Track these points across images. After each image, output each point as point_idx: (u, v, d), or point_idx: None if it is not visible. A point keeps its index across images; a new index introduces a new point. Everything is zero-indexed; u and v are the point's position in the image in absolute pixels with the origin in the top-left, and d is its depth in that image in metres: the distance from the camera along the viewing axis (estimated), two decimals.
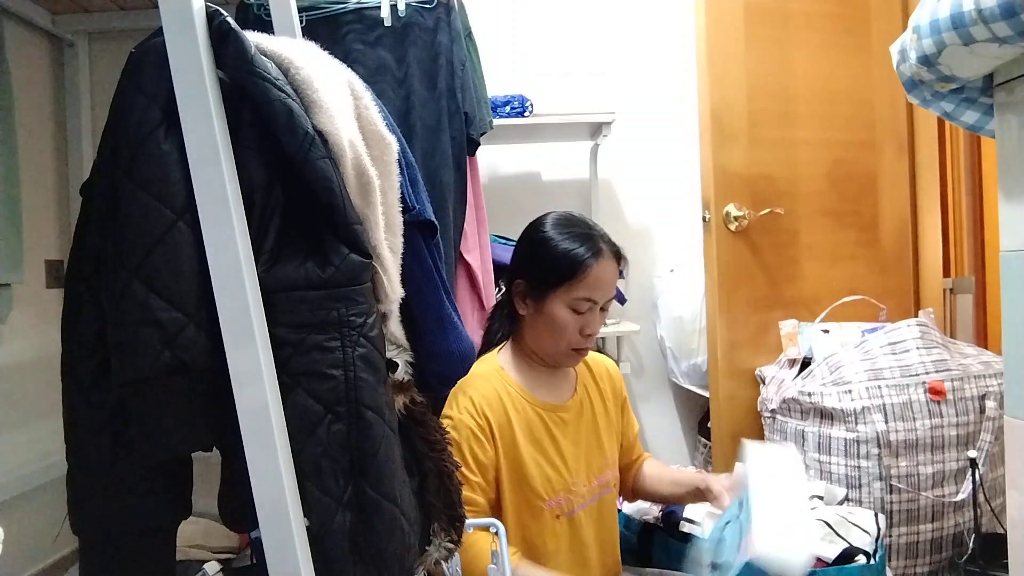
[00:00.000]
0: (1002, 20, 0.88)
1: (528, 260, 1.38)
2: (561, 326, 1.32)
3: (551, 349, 1.36)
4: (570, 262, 1.31)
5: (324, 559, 0.85)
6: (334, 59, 1.00)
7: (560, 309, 1.32)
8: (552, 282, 1.32)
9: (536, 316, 1.35)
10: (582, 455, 1.38)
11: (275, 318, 0.84)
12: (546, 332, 1.34)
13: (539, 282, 1.34)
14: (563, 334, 1.32)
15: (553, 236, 1.35)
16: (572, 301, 1.31)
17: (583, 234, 1.35)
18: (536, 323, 1.36)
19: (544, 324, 1.34)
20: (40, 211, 2.00)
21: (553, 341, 1.34)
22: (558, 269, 1.31)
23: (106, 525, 0.89)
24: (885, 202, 2.31)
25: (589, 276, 1.31)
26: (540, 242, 1.36)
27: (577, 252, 1.31)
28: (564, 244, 1.33)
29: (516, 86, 2.26)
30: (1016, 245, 1.04)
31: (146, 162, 0.80)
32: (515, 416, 1.32)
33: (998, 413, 1.71)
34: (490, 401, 1.32)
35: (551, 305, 1.32)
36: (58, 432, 0.90)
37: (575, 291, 1.31)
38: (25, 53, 1.98)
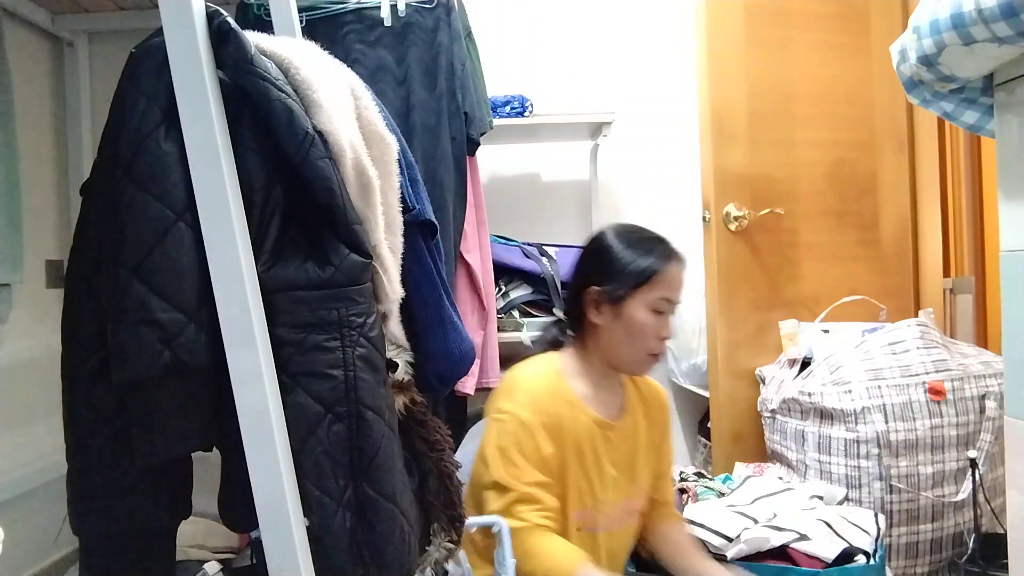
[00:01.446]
0: (1002, 20, 0.88)
1: (601, 266, 1.36)
2: (642, 329, 1.31)
3: (629, 356, 1.34)
4: (649, 263, 1.31)
5: (324, 559, 0.85)
6: (334, 59, 1.00)
7: (641, 311, 1.31)
8: (632, 284, 1.31)
9: (615, 322, 1.33)
10: (617, 477, 1.37)
11: (275, 318, 0.84)
12: (626, 338, 1.32)
13: (618, 286, 1.32)
14: (643, 338, 1.31)
15: (625, 240, 1.35)
16: (653, 302, 1.31)
17: (654, 237, 1.37)
18: (614, 329, 1.33)
19: (624, 329, 1.32)
20: (40, 211, 2.00)
21: (632, 347, 1.33)
22: (638, 270, 1.31)
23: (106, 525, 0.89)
24: (885, 202, 2.31)
25: (668, 275, 1.32)
26: (612, 247, 1.35)
27: (654, 252, 1.32)
28: (639, 246, 1.34)
29: (516, 86, 2.25)
30: (1016, 245, 1.04)
31: (146, 162, 0.81)
32: (568, 421, 1.31)
33: (998, 413, 1.71)
34: (552, 399, 1.31)
35: (631, 308, 1.31)
36: (58, 432, 0.90)
37: (656, 291, 1.31)
38: (25, 53, 1.98)
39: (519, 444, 1.25)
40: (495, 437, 1.28)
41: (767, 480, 1.80)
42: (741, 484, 1.79)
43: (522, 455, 1.25)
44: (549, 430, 1.28)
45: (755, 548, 1.44)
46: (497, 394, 1.35)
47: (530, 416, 1.27)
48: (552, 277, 2.07)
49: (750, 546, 1.45)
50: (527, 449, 1.26)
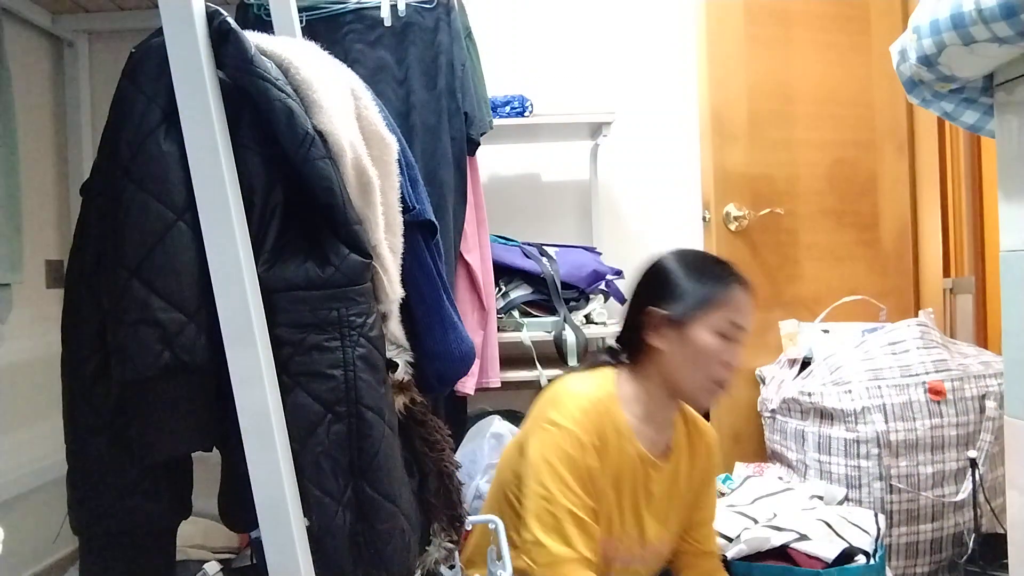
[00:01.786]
0: (1002, 20, 0.88)
1: (663, 289, 1.29)
2: (707, 354, 1.23)
3: (692, 383, 1.27)
4: (715, 284, 1.26)
5: (324, 559, 0.85)
6: (334, 59, 1.00)
7: (706, 335, 1.24)
8: (698, 308, 1.24)
9: (679, 346, 1.26)
10: (648, 517, 1.31)
11: (275, 318, 0.84)
12: (689, 362, 1.25)
13: (682, 308, 1.25)
14: (708, 363, 1.24)
15: (688, 263, 1.30)
16: (720, 325, 1.24)
17: (717, 260, 1.32)
18: (678, 354, 1.26)
19: (688, 353, 1.25)
20: (40, 211, 2.00)
21: (696, 372, 1.26)
22: (705, 295, 1.25)
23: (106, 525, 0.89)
24: (885, 202, 2.31)
25: (735, 298, 1.26)
26: (674, 270, 1.29)
27: (720, 274, 1.28)
28: (704, 269, 1.29)
29: (516, 86, 2.25)
30: (1016, 245, 1.04)
31: (146, 162, 0.81)
32: (614, 449, 1.25)
33: (998, 413, 1.71)
34: (600, 421, 1.25)
35: (696, 331, 1.24)
36: (58, 432, 0.90)
37: (722, 313, 1.24)
38: (25, 53, 1.98)
39: (570, 460, 1.19)
40: (544, 448, 1.21)
41: (767, 480, 1.81)
42: (741, 484, 1.80)
43: (572, 472, 1.20)
44: (597, 452, 1.22)
45: (755, 548, 1.44)
46: (546, 403, 1.28)
47: (582, 434, 1.21)
48: (552, 277, 2.07)
49: (750, 546, 1.45)
50: (578, 467, 1.20)
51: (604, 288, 2.16)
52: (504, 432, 1.79)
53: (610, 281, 2.17)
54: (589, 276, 2.12)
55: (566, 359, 1.99)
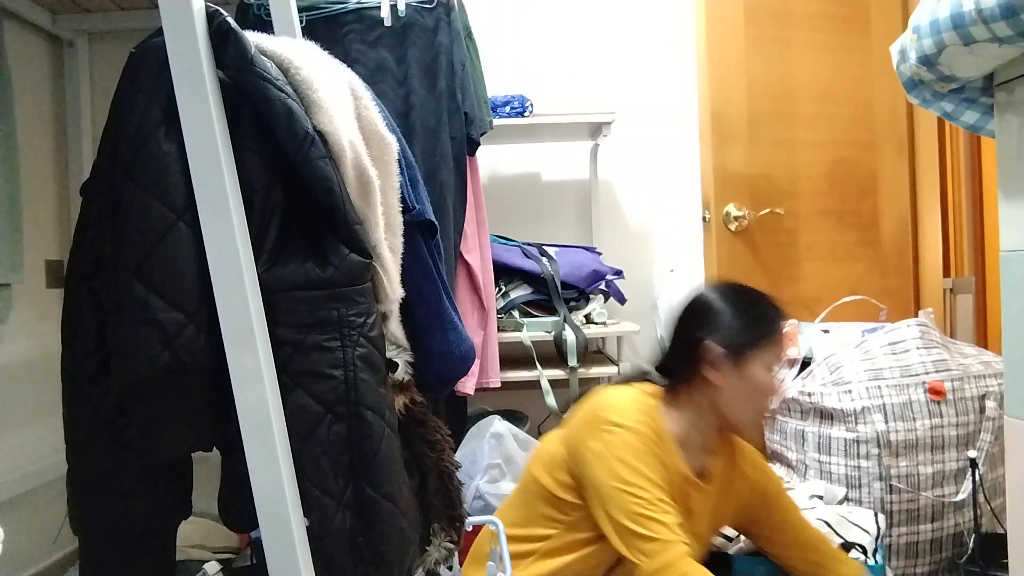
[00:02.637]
0: (1002, 20, 0.88)
1: (717, 325, 1.29)
2: (764, 389, 1.27)
3: (746, 415, 1.29)
4: (770, 321, 1.28)
5: (324, 559, 0.85)
6: (334, 59, 1.00)
7: (761, 371, 1.27)
8: (755, 342, 1.26)
9: (735, 381, 1.27)
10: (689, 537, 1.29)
11: (275, 318, 0.84)
12: (746, 396, 1.27)
13: (740, 344, 1.26)
14: (764, 397, 1.28)
15: (738, 299, 1.31)
16: (772, 361, 1.28)
17: (764, 296, 1.33)
18: (733, 388, 1.27)
19: (744, 389, 1.27)
20: (40, 211, 2.00)
21: (750, 406, 1.28)
22: (760, 328, 1.27)
23: (106, 525, 0.89)
24: (885, 202, 2.31)
25: (783, 334, 1.29)
26: (726, 306, 1.30)
27: (772, 311, 1.29)
28: (756, 305, 1.30)
29: (516, 86, 2.26)
30: (1016, 245, 1.04)
31: (146, 162, 0.81)
32: (664, 458, 1.26)
33: (998, 413, 1.71)
34: (654, 432, 1.26)
35: (752, 367, 1.26)
36: (58, 432, 0.90)
37: (776, 349, 1.28)
38: (25, 53, 1.98)
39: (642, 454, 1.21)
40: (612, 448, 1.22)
41: None
42: None
43: (646, 465, 1.21)
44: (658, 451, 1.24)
45: (755, 547, 1.44)
46: (598, 409, 1.28)
47: (647, 431, 1.23)
48: (552, 277, 2.07)
49: (750, 545, 1.45)
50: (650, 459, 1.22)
51: (604, 288, 2.16)
52: (504, 432, 1.79)
53: (610, 281, 2.17)
54: (589, 276, 2.12)
55: (566, 359, 1.99)
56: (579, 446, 1.26)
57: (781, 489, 1.43)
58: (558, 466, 1.29)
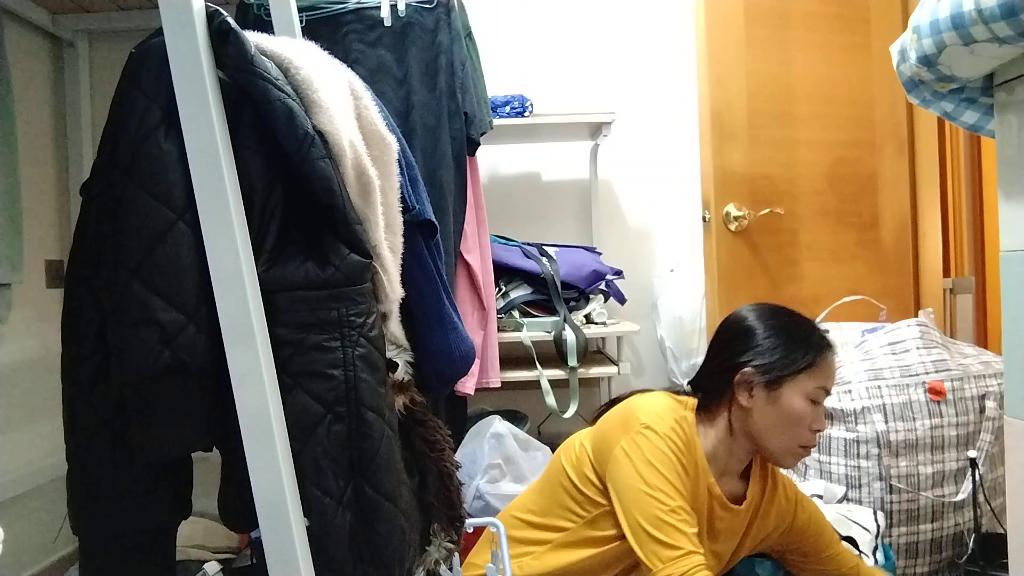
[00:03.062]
0: (1002, 20, 0.88)
1: (754, 348, 1.28)
2: (799, 418, 1.24)
3: (779, 444, 1.26)
4: (810, 350, 1.25)
5: (324, 559, 0.85)
6: (334, 59, 1.00)
7: (798, 399, 1.24)
8: (793, 370, 1.24)
9: (769, 408, 1.25)
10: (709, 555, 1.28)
11: (275, 318, 0.84)
12: (779, 425, 1.25)
13: (776, 371, 1.25)
14: (799, 427, 1.24)
15: (778, 324, 1.29)
16: (811, 391, 1.24)
17: (808, 323, 1.31)
18: (767, 415, 1.25)
19: (779, 417, 1.24)
20: (40, 211, 2.00)
21: (785, 436, 1.25)
22: (799, 356, 1.25)
23: (106, 525, 0.89)
24: (885, 202, 2.31)
25: (827, 364, 1.26)
26: (764, 330, 1.29)
27: (814, 339, 1.27)
28: (797, 332, 1.28)
29: (516, 86, 2.26)
30: (1016, 245, 1.04)
31: (146, 162, 0.81)
32: (690, 472, 1.25)
33: (998, 413, 1.71)
34: (686, 439, 1.25)
35: (789, 395, 1.24)
36: (58, 432, 0.90)
37: (816, 380, 1.25)
38: (25, 53, 1.98)
39: (671, 462, 1.20)
40: (644, 451, 1.20)
41: None
42: None
43: (673, 473, 1.20)
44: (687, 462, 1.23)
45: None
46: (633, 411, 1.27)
47: (678, 440, 1.22)
48: (552, 277, 2.07)
49: None
50: (678, 468, 1.21)
51: (604, 288, 2.16)
52: (504, 432, 1.79)
53: (610, 281, 2.18)
54: (589, 276, 2.12)
55: (566, 359, 1.99)
56: (610, 444, 1.25)
57: (813, 516, 1.40)
58: (584, 462, 1.29)
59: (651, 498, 1.17)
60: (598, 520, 1.26)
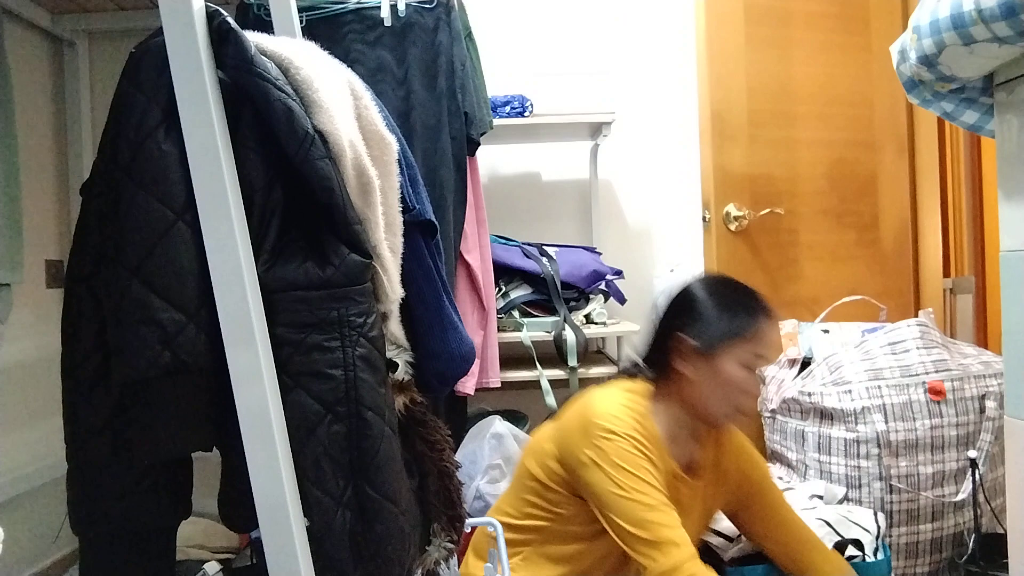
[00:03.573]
0: (1002, 20, 0.88)
1: (692, 319, 1.30)
2: (734, 385, 1.26)
3: (717, 410, 1.29)
4: (747, 316, 1.27)
5: (324, 559, 0.85)
6: (334, 59, 1.00)
7: (734, 367, 1.26)
8: (726, 340, 1.26)
9: (705, 375, 1.28)
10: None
11: (275, 318, 0.84)
12: (715, 391, 1.28)
13: (711, 338, 1.27)
14: (734, 394, 1.27)
15: (720, 294, 1.31)
16: (747, 359, 1.26)
17: (746, 292, 1.32)
18: (703, 382, 1.28)
19: (714, 383, 1.27)
20: (40, 211, 2.00)
21: (721, 401, 1.28)
22: (733, 327, 1.27)
23: (106, 525, 0.89)
24: (885, 202, 2.31)
25: (762, 332, 1.28)
26: (704, 302, 1.31)
27: (748, 310, 1.29)
28: (732, 302, 1.30)
29: (516, 86, 2.25)
30: (1016, 245, 1.04)
31: (146, 162, 0.81)
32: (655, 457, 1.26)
33: (998, 413, 1.71)
34: (645, 431, 1.26)
35: (723, 363, 1.26)
36: (58, 432, 0.90)
37: (750, 348, 1.27)
38: (25, 53, 1.98)
39: (640, 461, 1.21)
40: (611, 456, 1.21)
41: None
42: None
43: (646, 471, 1.21)
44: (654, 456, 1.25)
45: (756, 547, 1.44)
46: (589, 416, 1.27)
47: (641, 438, 1.23)
48: (552, 277, 2.07)
49: (750, 547, 1.45)
50: (647, 466, 1.22)
51: (604, 288, 2.16)
52: (504, 432, 1.79)
53: (610, 281, 2.17)
54: (589, 276, 2.12)
55: (566, 359, 1.99)
56: (575, 452, 1.25)
57: (766, 475, 1.43)
58: (551, 463, 1.30)
59: (629, 501, 1.18)
60: (573, 518, 1.28)
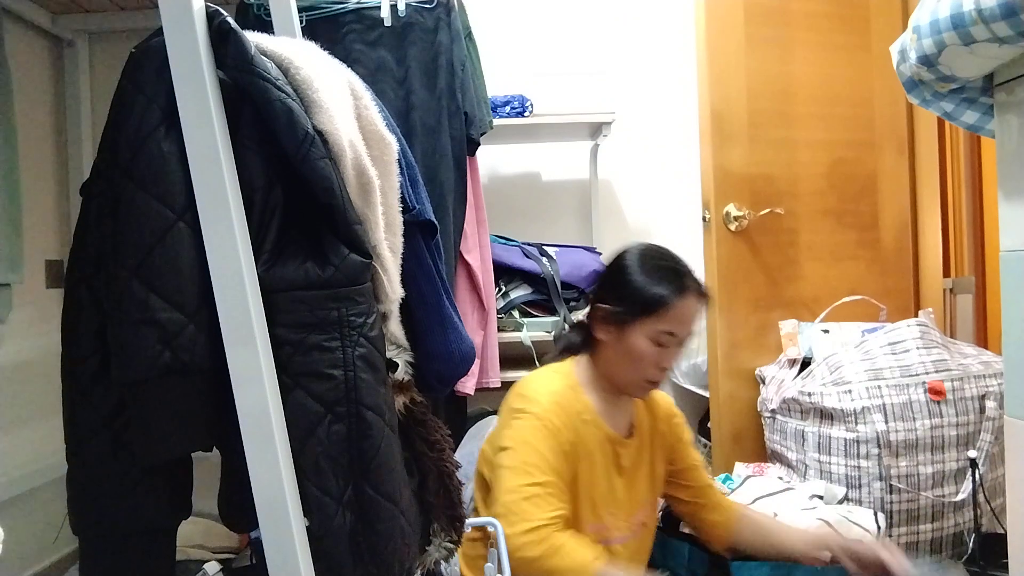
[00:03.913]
0: (1002, 20, 0.88)
1: (614, 288, 1.36)
2: (640, 357, 1.30)
3: (625, 378, 1.34)
4: (657, 296, 1.30)
5: (324, 559, 0.85)
6: (334, 59, 1.00)
7: (642, 341, 1.30)
8: (637, 313, 1.30)
9: (616, 344, 1.33)
10: (626, 492, 1.37)
11: (275, 318, 0.84)
12: (624, 361, 1.33)
13: (623, 312, 1.32)
14: (641, 365, 1.31)
15: (641, 267, 1.34)
16: (655, 334, 1.30)
17: (671, 269, 1.34)
18: (615, 350, 1.34)
19: (623, 353, 1.32)
20: (40, 211, 2.00)
21: (629, 371, 1.33)
22: (645, 302, 1.30)
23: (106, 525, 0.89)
24: (885, 202, 2.31)
25: (675, 311, 1.30)
26: (628, 272, 1.34)
27: (665, 287, 1.30)
28: (653, 277, 1.32)
29: (516, 86, 2.26)
30: (1016, 245, 1.04)
31: (146, 162, 0.80)
32: (583, 436, 1.31)
33: (998, 413, 1.71)
34: (567, 409, 1.31)
35: (633, 336, 1.30)
36: (58, 432, 0.90)
37: (660, 324, 1.29)
38: (25, 53, 1.98)
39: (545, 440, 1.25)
40: (519, 432, 1.27)
41: (767, 480, 1.81)
42: (741, 484, 1.80)
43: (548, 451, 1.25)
44: (567, 442, 1.28)
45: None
46: (514, 399, 1.34)
47: (554, 418, 1.27)
48: (552, 277, 2.07)
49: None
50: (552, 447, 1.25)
51: None
52: None
53: None
54: (589, 276, 2.12)
55: None
56: (496, 438, 1.32)
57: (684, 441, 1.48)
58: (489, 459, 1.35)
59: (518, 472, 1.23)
60: None
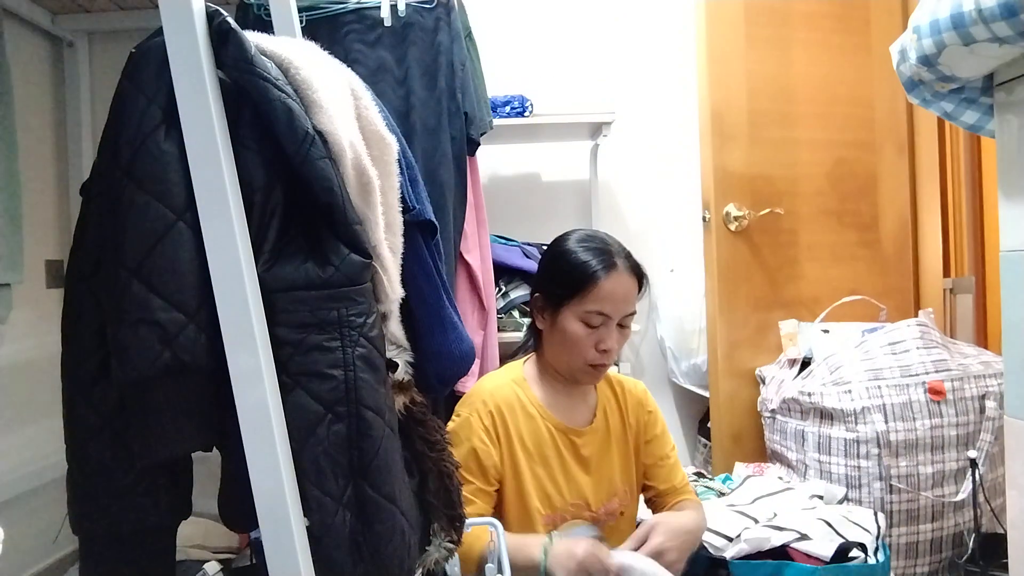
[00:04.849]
0: (1002, 20, 0.88)
1: (545, 274, 1.39)
2: (573, 340, 1.31)
3: (568, 364, 1.35)
4: (581, 274, 1.30)
5: (324, 559, 0.85)
6: (334, 59, 1.00)
7: (572, 322, 1.31)
8: (564, 294, 1.31)
9: (552, 330, 1.35)
10: (590, 481, 1.37)
11: (275, 318, 0.84)
12: (562, 346, 1.34)
13: (553, 295, 1.34)
14: (577, 348, 1.31)
15: (569, 249, 1.35)
16: (583, 314, 1.30)
17: (598, 248, 1.34)
18: (553, 337, 1.35)
19: (559, 338, 1.33)
20: (40, 211, 2.00)
21: (569, 356, 1.33)
22: (570, 281, 1.31)
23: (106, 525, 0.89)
24: (885, 202, 2.31)
25: (599, 289, 1.29)
26: (556, 256, 1.36)
27: (588, 264, 1.31)
28: (578, 257, 1.33)
29: (516, 86, 2.26)
30: (1016, 245, 1.04)
31: (146, 162, 0.80)
32: (526, 427, 1.33)
33: (998, 413, 1.71)
34: (506, 406, 1.32)
35: (564, 319, 1.32)
36: (58, 432, 0.90)
37: (585, 304, 1.30)
38: (25, 53, 1.98)
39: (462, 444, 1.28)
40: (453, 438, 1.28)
41: (767, 480, 1.81)
42: (741, 484, 1.80)
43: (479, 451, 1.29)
44: (492, 436, 1.31)
45: (756, 547, 1.44)
46: (462, 400, 1.39)
47: (480, 419, 1.31)
48: None
49: (751, 545, 1.45)
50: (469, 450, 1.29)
51: None
52: None
53: None
54: None
55: None
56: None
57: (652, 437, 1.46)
58: None
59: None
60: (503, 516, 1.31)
